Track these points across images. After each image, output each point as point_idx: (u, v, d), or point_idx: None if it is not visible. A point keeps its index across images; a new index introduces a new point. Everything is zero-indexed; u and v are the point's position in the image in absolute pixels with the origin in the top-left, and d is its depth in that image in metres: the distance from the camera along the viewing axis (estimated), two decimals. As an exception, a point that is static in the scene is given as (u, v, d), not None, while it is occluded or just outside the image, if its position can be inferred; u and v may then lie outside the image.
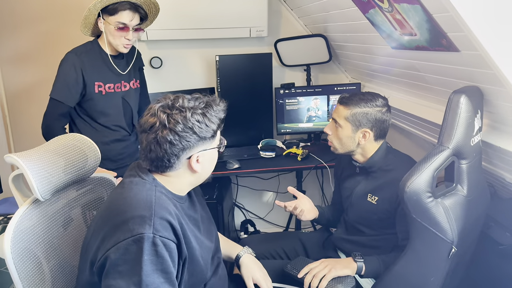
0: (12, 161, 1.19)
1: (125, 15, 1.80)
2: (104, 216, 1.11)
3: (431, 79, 1.68)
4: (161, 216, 1.06)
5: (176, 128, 1.09)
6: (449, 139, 1.31)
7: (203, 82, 2.78)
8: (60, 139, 1.38)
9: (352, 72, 2.75)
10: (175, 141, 1.09)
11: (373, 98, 1.58)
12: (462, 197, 1.36)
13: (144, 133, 1.12)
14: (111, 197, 1.18)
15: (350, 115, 1.58)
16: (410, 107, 2.02)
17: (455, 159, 1.34)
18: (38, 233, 1.23)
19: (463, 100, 1.28)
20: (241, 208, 2.97)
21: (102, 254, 1.03)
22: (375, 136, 1.60)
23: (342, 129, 1.61)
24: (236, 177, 2.89)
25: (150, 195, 1.11)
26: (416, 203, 1.30)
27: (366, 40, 1.97)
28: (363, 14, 1.66)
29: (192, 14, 2.48)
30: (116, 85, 1.96)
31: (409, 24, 1.40)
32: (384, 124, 1.59)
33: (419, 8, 1.24)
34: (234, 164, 2.35)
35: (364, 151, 1.63)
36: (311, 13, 2.39)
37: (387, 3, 1.39)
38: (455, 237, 1.32)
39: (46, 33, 2.66)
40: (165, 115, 1.09)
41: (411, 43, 1.53)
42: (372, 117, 1.57)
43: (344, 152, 1.65)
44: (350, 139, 1.60)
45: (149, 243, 1.01)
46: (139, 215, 1.04)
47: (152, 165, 1.15)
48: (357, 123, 1.57)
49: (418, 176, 1.29)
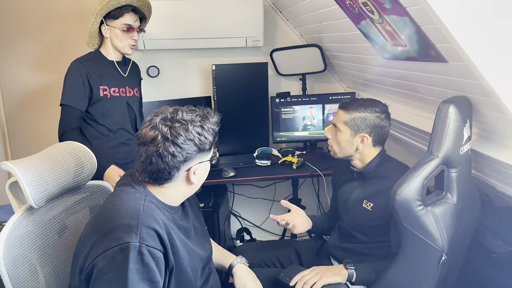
0: (6, 168, 1.21)
1: (129, 17, 1.94)
2: (94, 223, 1.13)
3: (422, 89, 1.71)
4: (148, 225, 1.07)
5: (177, 140, 1.10)
6: (439, 148, 1.33)
7: (199, 91, 2.81)
8: (56, 147, 1.40)
9: (347, 82, 2.79)
10: (177, 154, 1.11)
11: (373, 104, 1.61)
12: (452, 205, 1.38)
13: (143, 145, 1.12)
14: (103, 205, 1.19)
15: (349, 120, 1.60)
16: (402, 116, 2.05)
17: (445, 167, 1.36)
18: (33, 240, 1.24)
19: (451, 110, 1.30)
20: (237, 216, 2.98)
21: (90, 261, 1.04)
22: (374, 141, 1.62)
23: (341, 133, 1.63)
24: (232, 185, 2.90)
25: (139, 204, 1.12)
26: (406, 211, 1.32)
27: (359, 50, 2.00)
28: (355, 25, 1.69)
29: (189, 24, 2.52)
30: (120, 89, 2.03)
31: (399, 35, 1.44)
32: (382, 130, 1.61)
33: (408, 20, 1.27)
34: (230, 172, 2.37)
35: (363, 156, 1.65)
36: (306, 23, 2.43)
37: (378, 14, 1.42)
38: (445, 244, 1.33)
39: (47, 42, 2.68)
40: (167, 128, 1.11)
41: (402, 53, 1.56)
42: (370, 122, 1.59)
43: (343, 156, 1.67)
44: (349, 144, 1.63)
45: (135, 252, 1.02)
46: (126, 223, 1.05)
47: (151, 177, 1.15)
48: (355, 127, 1.60)
49: (408, 185, 1.31)
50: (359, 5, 1.48)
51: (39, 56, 2.70)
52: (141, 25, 2.03)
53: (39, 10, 2.64)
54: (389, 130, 1.65)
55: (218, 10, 2.52)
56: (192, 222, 1.32)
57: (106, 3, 1.86)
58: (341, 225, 1.77)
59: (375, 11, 1.41)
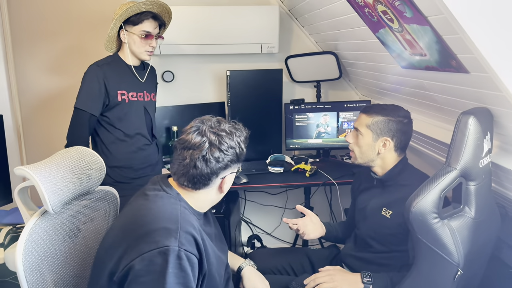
0: (23, 173, 1.21)
1: (148, 24, 1.93)
2: (126, 226, 1.14)
3: (441, 99, 1.68)
4: (186, 230, 1.10)
5: (223, 147, 1.17)
6: (457, 160, 1.30)
7: (213, 97, 2.81)
8: (66, 152, 1.40)
9: (362, 90, 2.76)
10: (221, 160, 1.17)
11: (396, 109, 1.60)
12: (469, 219, 1.34)
13: (187, 150, 1.16)
14: (133, 208, 1.19)
15: (372, 123, 1.59)
16: (420, 126, 2.02)
17: (463, 180, 1.33)
18: (45, 246, 1.24)
19: (471, 122, 1.27)
20: (248, 223, 2.96)
21: (126, 264, 1.05)
22: (396, 146, 1.59)
23: (363, 137, 1.61)
24: (244, 192, 2.89)
25: (176, 209, 1.15)
26: (421, 224, 1.29)
27: (376, 58, 1.98)
28: (373, 33, 1.67)
29: (205, 29, 2.53)
30: (138, 94, 2.02)
31: (419, 45, 1.41)
32: (405, 135, 1.59)
33: (429, 29, 1.25)
34: (242, 179, 2.36)
35: (384, 162, 1.62)
36: (322, 30, 2.41)
37: (397, 23, 1.40)
38: (461, 259, 1.30)
39: (64, 46, 2.71)
40: (215, 136, 1.17)
41: (421, 63, 1.53)
42: (393, 126, 1.57)
43: (363, 162, 1.65)
44: (371, 148, 1.61)
45: (174, 256, 1.04)
46: (165, 227, 1.08)
47: (191, 181, 1.19)
48: (378, 131, 1.58)
49: (424, 196, 1.28)
50: (378, 14, 1.46)
51: (55, 60, 2.73)
52: (160, 32, 2.03)
53: (56, 14, 2.67)
54: (411, 136, 1.62)
55: (234, 17, 2.52)
56: (213, 230, 1.35)
57: (126, 9, 1.86)
58: (357, 233, 1.74)
59: (395, 20, 1.39)
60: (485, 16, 1.04)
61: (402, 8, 1.27)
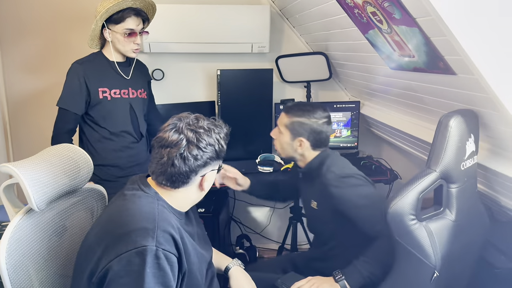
0: (8, 170, 1.19)
1: (131, 21, 1.88)
2: (105, 227, 1.12)
3: (429, 100, 1.70)
4: (164, 229, 1.08)
5: (201, 144, 1.15)
6: (437, 162, 1.30)
7: (203, 95, 2.80)
8: (53, 149, 1.38)
9: (352, 90, 2.77)
10: (199, 157, 1.15)
11: (312, 110, 1.64)
12: (449, 222, 1.34)
13: (165, 148, 1.15)
14: (112, 209, 1.18)
15: (289, 123, 1.65)
16: (408, 127, 2.04)
17: (444, 182, 1.33)
18: (30, 244, 1.22)
19: (452, 124, 1.28)
20: (238, 223, 2.96)
21: (104, 265, 1.04)
22: (312, 145, 1.65)
23: (283, 136, 1.67)
24: (233, 191, 2.88)
25: (153, 208, 1.14)
26: (398, 225, 1.29)
27: (365, 59, 1.99)
28: (362, 34, 1.68)
29: (195, 28, 2.52)
30: (122, 91, 1.98)
31: (407, 46, 1.42)
32: (320, 135, 1.64)
33: (417, 31, 1.26)
34: (231, 178, 2.35)
35: (304, 157, 1.69)
36: (313, 31, 2.42)
37: (386, 24, 1.41)
38: (438, 261, 1.29)
39: (51, 42, 2.68)
40: (192, 133, 1.15)
41: (409, 64, 1.55)
42: (307, 127, 1.62)
43: (286, 156, 1.71)
44: (289, 146, 1.67)
45: (152, 255, 1.03)
46: (142, 227, 1.06)
47: (169, 180, 1.17)
48: (294, 131, 1.64)
49: (402, 198, 1.28)
50: (367, 15, 1.47)
51: (42, 56, 2.70)
52: (144, 27, 1.98)
53: (43, 10, 2.63)
54: (329, 134, 1.67)
55: (225, 16, 2.51)
56: (196, 229, 1.34)
57: (107, 9, 1.81)
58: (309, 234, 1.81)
59: (384, 21, 1.40)
60: (472, 19, 1.05)
61: (391, 9, 1.28)
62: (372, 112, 2.52)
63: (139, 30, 1.93)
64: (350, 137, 2.66)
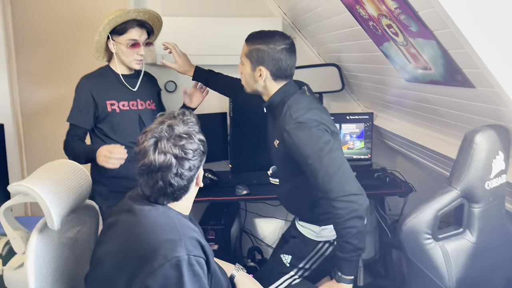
0: (26, 190, 1.15)
1: (134, 32, 1.89)
2: (125, 248, 1.11)
3: (446, 113, 1.67)
4: (189, 235, 1.10)
5: (189, 155, 1.12)
6: (458, 180, 1.25)
7: (215, 107, 2.79)
8: (55, 166, 1.34)
9: (365, 102, 2.75)
10: (192, 167, 1.14)
11: (271, 36, 1.55)
12: (469, 243, 1.29)
13: (157, 172, 1.10)
14: (123, 228, 1.16)
15: (248, 52, 1.57)
16: (424, 140, 2.00)
17: (465, 201, 1.28)
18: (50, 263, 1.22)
19: (478, 140, 1.22)
20: (249, 235, 2.93)
21: (139, 286, 1.03)
22: (272, 75, 1.56)
23: (244, 67, 1.61)
24: (245, 203, 2.86)
25: (170, 218, 1.14)
26: (412, 243, 1.25)
27: (379, 71, 1.97)
28: (377, 46, 1.67)
29: (207, 40, 2.52)
30: (131, 103, 1.99)
31: (424, 59, 1.40)
32: (280, 63, 1.54)
33: (435, 43, 1.24)
34: (243, 190, 2.34)
35: (267, 90, 1.60)
36: (325, 43, 2.41)
37: (402, 37, 1.39)
38: (452, 284, 1.24)
39: (65, 53, 2.71)
40: (177, 148, 1.11)
41: (425, 77, 1.52)
42: (266, 54, 1.53)
43: (251, 91, 1.65)
44: (251, 77, 1.59)
45: (186, 264, 1.04)
46: (168, 239, 1.07)
47: (171, 197, 1.16)
48: (253, 60, 1.56)
49: (417, 215, 1.24)
50: (382, 27, 1.45)
51: (57, 67, 2.73)
52: (149, 38, 1.99)
53: (58, 22, 2.67)
54: (291, 64, 1.57)
55: (237, 28, 2.51)
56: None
57: (109, 21, 1.83)
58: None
59: (400, 33, 1.38)
60: (492, 32, 1.03)
61: (408, 22, 1.26)
62: (386, 123, 2.48)
63: (143, 41, 1.93)
64: (364, 149, 2.63)
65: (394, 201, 2.65)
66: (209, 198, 2.35)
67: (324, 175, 1.39)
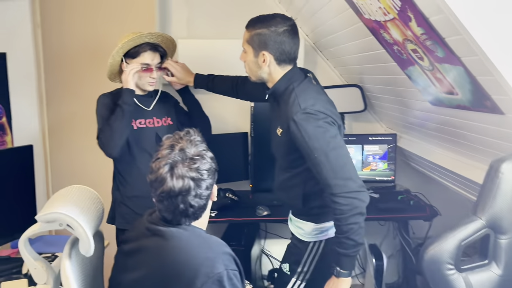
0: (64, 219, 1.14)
1: (147, 56, 1.91)
2: (161, 272, 1.12)
3: (473, 137, 1.63)
4: (223, 251, 1.16)
5: (204, 175, 1.15)
6: (483, 210, 1.20)
7: (236, 127, 2.80)
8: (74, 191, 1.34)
9: (387, 122, 2.72)
10: (208, 185, 1.17)
11: (272, 18, 1.49)
12: (494, 276, 1.23)
13: (176, 197, 1.12)
14: (156, 252, 1.16)
15: (250, 38, 1.52)
16: (451, 163, 1.95)
17: (491, 232, 1.23)
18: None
19: (504, 169, 1.17)
20: (269, 256, 2.90)
21: None
22: (276, 59, 1.50)
23: (247, 54, 1.56)
24: (265, 224, 2.84)
25: (201, 237, 1.18)
26: (434, 273, 1.21)
27: (403, 93, 1.95)
28: (401, 70, 1.65)
29: (228, 61, 2.53)
30: (147, 121, 2.01)
31: (450, 84, 1.38)
32: (283, 46, 1.48)
33: (462, 69, 1.22)
34: (264, 211, 2.33)
35: (272, 77, 1.55)
36: (347, 64, 2.41)
37: (428, 62, 1.38)
38: None
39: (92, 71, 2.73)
40: (193, 171, 1.13)
41: (452, 101, 1.49)
42: (267, 38, 1.47)
43: (256, 79, 1.60)
44: (255, 64, 1.54)
45: (226, 279, 1.09)
46: (205, 257, 1.11)
47: (193, 217, 1.18)
48: (255, 45, 1.51)
49: (440, 244, 1.20)
50: (408, 52, 1.44)
51: (83, 85, 2.77)
52: (162, 61, 2.01)
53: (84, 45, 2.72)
54: (294, 46, 1.51)
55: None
56: None
57: (123, 44, 1.86)
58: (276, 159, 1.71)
59: (426, 58, 1.37)
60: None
61: (434, 47, 1.25)
62: (410, 145, 2.44)
63: (155, 64, 1.94)
64: (387, 171, 2.58)
65: (418, 224, 2.59)
66: (229, 219, 2.35)
67: (329, 170, 1.38)
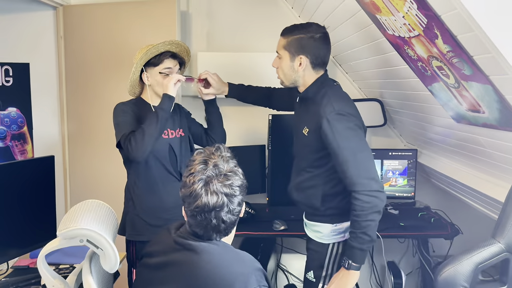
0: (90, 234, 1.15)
1: (169, 62, 1.95)
2: (193, 287, 1.14)
3: (497, 156, 1.58)
4: (256, 267, 1.18)
5: (236, 192, 1.17)
6: (502, 234, 1.17)
7: (253, 139, 2.79)
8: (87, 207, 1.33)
9: (408, 137, 2.67)
10: (240, 201, 1.20)
11: (307, 25, 1.60)
12: None
13: (210, 212, 1.14)
14: (188, 267, 1.16)
15: (286, 44, 1.61)
16: (472, 180, 1.90)
17: (510, 256, 1.19)
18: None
19: None
20: (285, 271, 2.86)
21: None
22: (312, 63, 1.61)
23: (282, 60, 1.64)
24: (281, 238, 2.80)
25: (231, 251, 1.19)
26: None
27: (426, 109, 1.91)
28: (425, 86, 1.62)
29: (246, 74, 2.54)
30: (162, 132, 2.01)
31: (477, 102, 1.34)
32: (319, 51, 1.59)
33: (490, 88, 1.19)
34: (281, 225, 2.30)
35: (305, 81, 1.64)
36: (367, 78, 2.38)
37: (454, 79, 1.34)
38: None
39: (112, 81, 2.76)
40: (227, 187, 1.15)
41: (478, 119, 1.46)
42: (305, 42, 1.58)
43: (289, 83, 1.68)
44: (290, 69, 1.63)
45: None
46: (239, 273, 1.13)
47: (224, 232, 1.19)
48: (292, 50, 1.60)
49: (455, 266, 1.18)
50: (432, 69, 1.41)
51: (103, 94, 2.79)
52: (180, 69, 2.05)
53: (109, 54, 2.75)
54: (327, 52, 1.62)
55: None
56: None
57: (145, 52, 1.88)
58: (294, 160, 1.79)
59: (451, 76, 1.34)
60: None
61: (461, 65, 1.22)
62: (431, 161, 2.39)
63: (176, 71, 1.99)
64: (407, 187, 2.53)
65: (438, 242, 2.52)
66: (246, 233, 2.33)
67: (355, 169, 1.47)
